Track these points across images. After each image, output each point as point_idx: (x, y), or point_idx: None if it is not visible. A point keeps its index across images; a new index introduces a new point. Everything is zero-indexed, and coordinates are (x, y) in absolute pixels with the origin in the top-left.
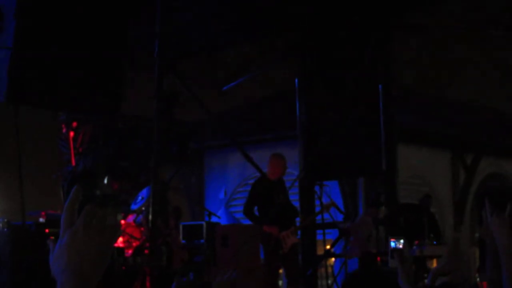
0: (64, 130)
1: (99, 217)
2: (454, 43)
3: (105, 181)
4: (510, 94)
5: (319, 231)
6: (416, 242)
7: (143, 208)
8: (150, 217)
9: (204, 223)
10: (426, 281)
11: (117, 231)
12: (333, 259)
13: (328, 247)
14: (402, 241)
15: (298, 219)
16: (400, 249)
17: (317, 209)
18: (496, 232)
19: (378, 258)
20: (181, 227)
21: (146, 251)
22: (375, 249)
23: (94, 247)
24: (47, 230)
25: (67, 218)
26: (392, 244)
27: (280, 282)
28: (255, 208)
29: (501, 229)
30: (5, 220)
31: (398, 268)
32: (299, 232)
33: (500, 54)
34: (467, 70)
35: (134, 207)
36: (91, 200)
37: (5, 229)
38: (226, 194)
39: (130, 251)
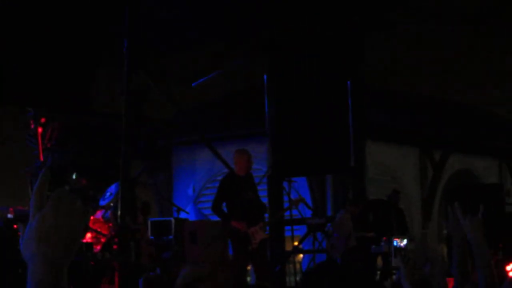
0: (32, 126)
1: (69, 200)
2: (424, 40)
3: (74, 177)
4: (479, 90)
5: (287, 227)
6: (384, 238)
7: (112, 204)
8: (118, 213)
9: (172, 219)
10: (394, 277)
11: (86, 214)
12: (301, 255)
13: (296, 243)
14: (405, 240)
15: (266, 215)
16: (403, 248)
17: (286, 205)
18: (470, 233)
19: None
20: (149, 223)
21: (115, 247)
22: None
23: (63, 230)
24: (15, 226)
25: (36, 202)
26: (395, 243)
27: (249, 279)
28: (224, 204)
29: (475, 231)
30: None
31: (400, 268)
32: (267, 228)
33: (470, 50)
34: (436, 67)
35: (102, 203)
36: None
37: None
38: (195, 191)
39: (98, 247)
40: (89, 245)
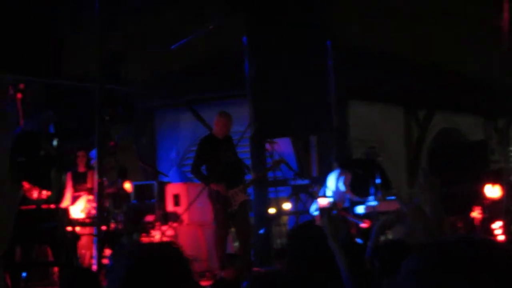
0: (11, 92)
1: None
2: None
3: (54, 143)
4: (461, 49)
5: (271, 189)
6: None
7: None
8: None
9: (155, 183)
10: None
11: (16, 194)
12: (286, 217)
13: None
14: (329, 200)
15: (247, 177)
16: (328, 207)
17: (268, 166)
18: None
19: None
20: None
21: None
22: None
23: None
24: None
25: None
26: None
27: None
28: (203, 167)
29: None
30: None
31: (325, 227)
32: (250, 190)
33: (452, 10)
34: (419, 26)
35: None
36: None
37: None
38: (178, 154)
39: None
40: (65, 211)
